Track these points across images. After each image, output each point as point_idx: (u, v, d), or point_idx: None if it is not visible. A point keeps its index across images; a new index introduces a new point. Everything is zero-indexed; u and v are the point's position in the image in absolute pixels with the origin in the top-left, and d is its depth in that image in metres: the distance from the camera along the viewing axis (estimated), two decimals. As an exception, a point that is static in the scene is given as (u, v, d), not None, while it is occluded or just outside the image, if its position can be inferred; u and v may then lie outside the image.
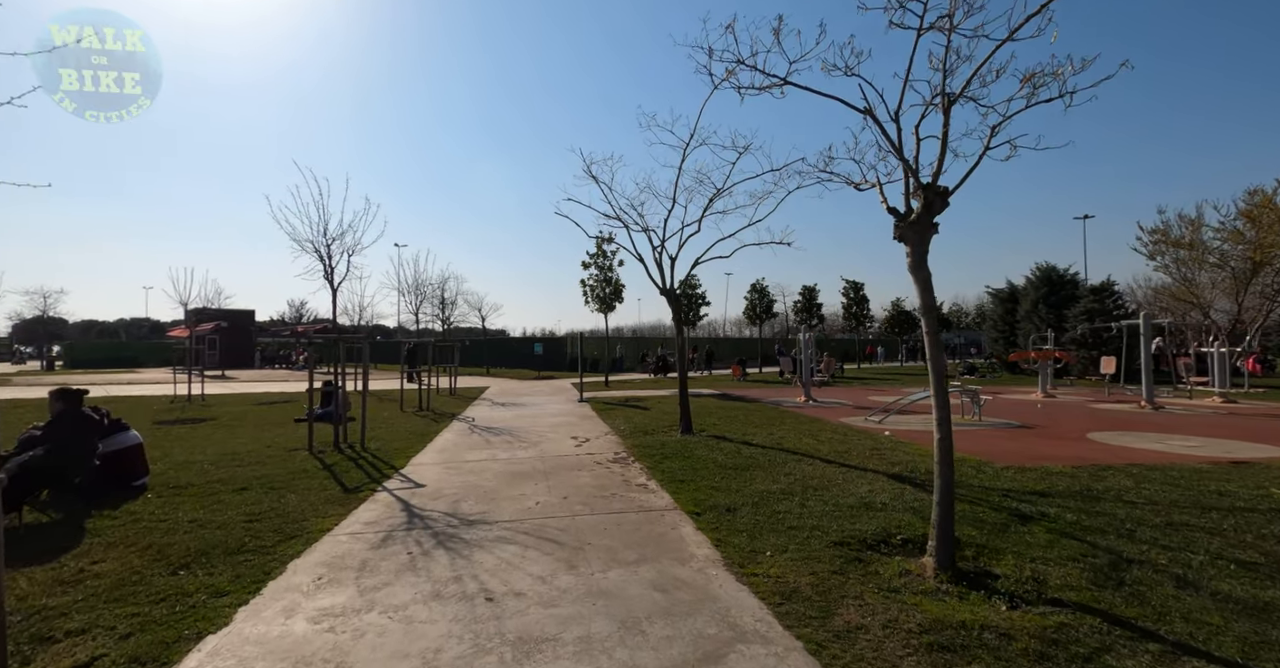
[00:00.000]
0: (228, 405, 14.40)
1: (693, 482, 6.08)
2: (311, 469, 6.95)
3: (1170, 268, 18.64)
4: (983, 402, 10.46)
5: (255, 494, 5.81)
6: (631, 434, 9.34)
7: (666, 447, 8.06)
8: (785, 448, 7.83)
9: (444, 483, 6.32)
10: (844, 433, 9.10)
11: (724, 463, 6.92)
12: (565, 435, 9.46)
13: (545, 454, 7.87)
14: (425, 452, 8.18)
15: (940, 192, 3.71)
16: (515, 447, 8.46)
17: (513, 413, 12.69)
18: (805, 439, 8.53)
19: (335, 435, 8.39)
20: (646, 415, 11.68)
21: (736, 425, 10.06)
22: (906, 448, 7.79)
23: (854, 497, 5.33)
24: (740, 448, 7.85)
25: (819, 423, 10.33)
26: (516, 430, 10.04)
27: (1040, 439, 8.61)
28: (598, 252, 20.22)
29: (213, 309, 39.93)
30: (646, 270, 9.41)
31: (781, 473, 6.36)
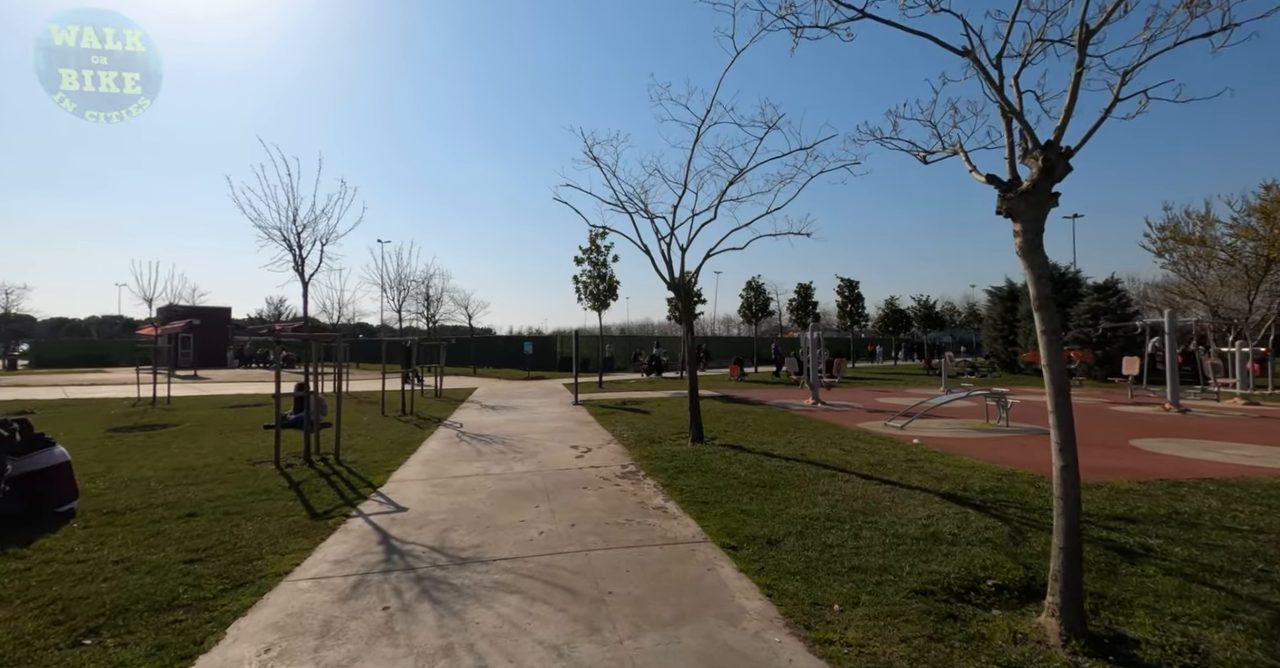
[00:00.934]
0: (194, 409, 13.35)
1: (718, 503, 5.27)
2: (276, 488, 6.04)
3: (1179, 265, 18.18)
4: (1009, 405, 9.76)
5: (205, 522, 4.91)
6: (636, 443, 8.52)
7: (678, 459, 7.24)
8: (812, 460, 7.05)
9: (430, 505, 5.45)
10: (868, 441, 8.34)
11: (748, 479, 6.12)
12: (563, 444, 8.61)
13: (544, 467, 7.02)
14: (408, 465, 7.30)
15: (1065, 153, 2.93)
16: (509, 458, 7.59)
17: (504, 418, 11.80)
18: (830, 449, 7.76)
19: (306, 446, 7.47)
20: (649, 421, 10.86)
21: (749, 432, 9.27)
22: (944, 459, 7.04)
23: (913, 525, 4.55)
24: (761, 460, 7.05)
25: (836, 429, 9.57)
26: (510, 438, 9.17)
27: (1083, 448, 7.82)
28: (591, 247, 19.37)
29: (185, 306, 38.54)
30: (653, 262, 8.59)
31: (817, 492, 5.57)
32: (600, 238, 19.25)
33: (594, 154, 8.24)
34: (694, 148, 7.50)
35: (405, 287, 16.24)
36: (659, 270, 8.57)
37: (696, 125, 7.29)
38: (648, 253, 8.62)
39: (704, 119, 7.17)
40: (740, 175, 7.18)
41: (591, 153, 8.22)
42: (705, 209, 8.15)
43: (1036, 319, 3.07)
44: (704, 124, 7.24)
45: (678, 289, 8.50)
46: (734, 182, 7.29)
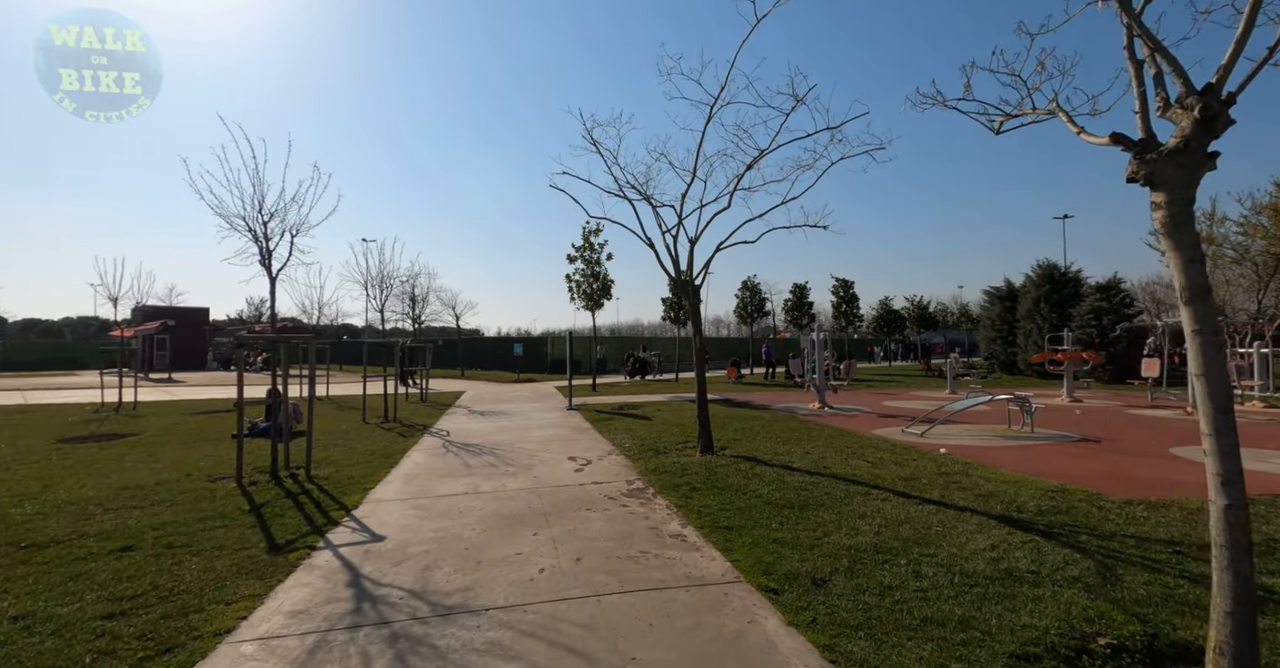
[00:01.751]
0: (160, 415, 12.45)
1: (744, 529, 4.58)
2: (233, 512, 5.27)
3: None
4: (1034, 409, 9.17)
5: (141, 558, 4.14)
6: (640, 453, 7.82)
7: (690, 473, 6.55)
8: (837, 474, 6.38)
9: (411, 533, 4.72)
10: (891, 451, 7.70)
11: (773, 498, 5.44)
12: (560, 455, 7.89)
13: (540, 484, 6.30)
14: (388, 481, 6.54)
15: (1226, 100, 2.27)
16: (501, 472, 6.86)
17: (494, 424, 11.04)
18: (853, 460, 7.10)
19: (273, 460, 6.69)
20: (650, 428, 10.16)
21: (761, 441, 8.60)
22: (981, 472, 6.41)
23: (980, 558, 3.88)
24: (782, 475, 6.38)
25: (853, 437, 8.93)
26: (501, 449, 8.42)
27: (1122, 458, 7.32)
28: (585, 244, 18.64)
29: (161, 306, 37.28)
30: (657, 257, 7.91)
31: (854, 514, 4.90)
32: (594, 235, 18.54)
33: (594, 138, 7.54)
34: (706, 129, 6.82)
35: (388, 285, 15.41)
36: (664, 266, 7.89)
37: (709, 104, 6.61)
38: (652, 246, 7.94)
39: (718, 96, 6.48)
40: (761, 156, 6.49)
41: (591, 136, 7.52)
42: (716, 198, 7.48)
43: (1186, 315, 2.40)
44: (718, 102, 6.55)
45: (684, 286, 7.82)
46: (754, 163, 6.59)
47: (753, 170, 7.54)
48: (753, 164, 6.60)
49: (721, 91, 6.39)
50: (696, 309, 7.74)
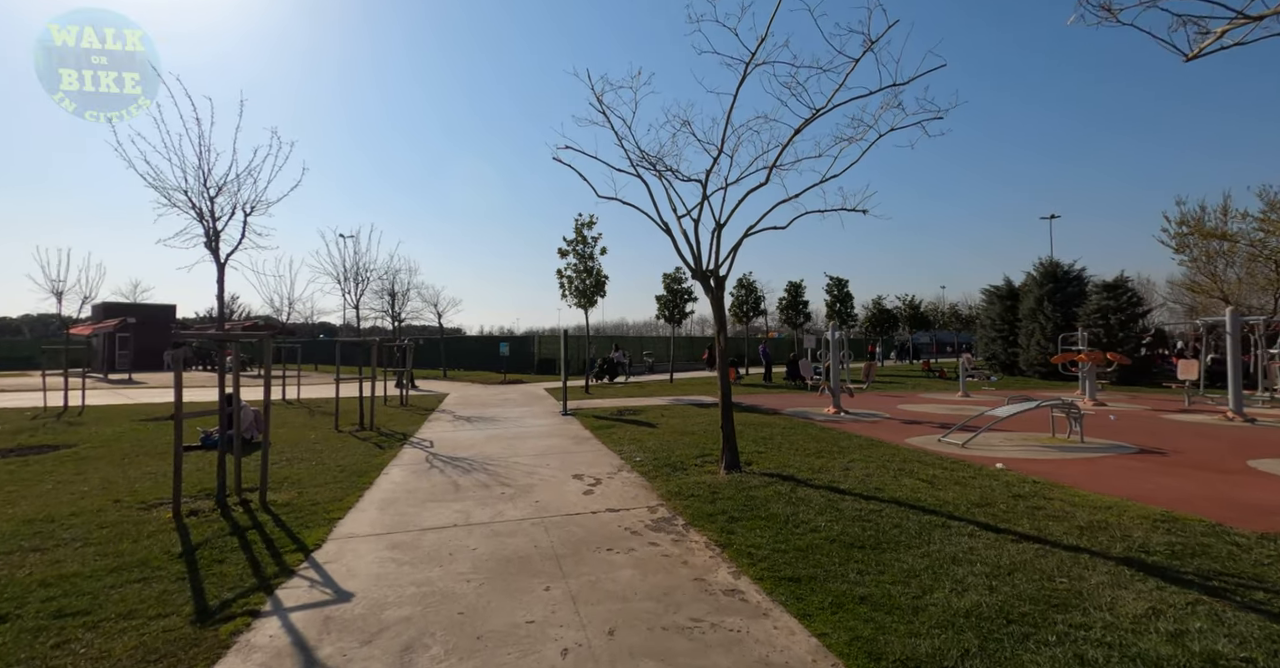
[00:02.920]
0: (105, 422, 11.15)
1: (816, 582, 3.58)
2: (159, 557, 4.15)
3: (1200, 262, 17.24)
4: (1082, 415, 8.32)
5: (8, 639, 3.03)
6: (656, 470, 6.80)
7: (721, 496, 5.54)
8: (895, 498, 5.42)
9: (387, 588, 3.65)
10: (941, 466, 6.78)
11: (833, 533, 4.45)
12: (563, 472, 6.84)
13: (545, 511, 5.26)
14: (360, 508, 5.45)
15: None
16: (497, 495, 5.80)
17: (484, 433, 9.94)
18: (905, 479, 6.15)
19: (220, 482, 5.54)
20: (658, 437, 9.14)
21: (788, 454, 7.63)
22: (1059, 494, 5.50)
23: (1154, 633, 2.92)
24: (832, 499, 5.40)
25: (887, 448, 8.00)
26: (493, 463, 7.35)
27: (1205, 475, 6.47)
28: (577, 237, 17.55)
29: (124, 303, 35.41)
30: (674, 243, 6.89)
31: (945, 557, 3.93)
32: (587, 227, 17.44)
33: (603, 105, 6.48)
34: (739, 89, 5.79)
35: (364, 278, 14.18)
36: (681, 253, 6.87)
37: (745, 61, 5.58)
38: (668, 232, 6.92)
39: (755, 51, 5.45)
40: (816, 115, 5.45)
41: (600, 103, 6.46)
42: (740, 178, 6.47)
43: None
44: (754, 59, 5.52)
45: (705, 277, 6.81)
46: (809, 123, 5.53)
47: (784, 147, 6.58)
48: (805, 125, 5.57)
49: (761, 43, 5.37)
50: (720, 304, 6.73)
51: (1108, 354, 13.08)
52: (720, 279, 6.69)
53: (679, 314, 22.74)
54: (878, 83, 5.25)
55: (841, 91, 5.33)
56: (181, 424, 5.29)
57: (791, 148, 6.60)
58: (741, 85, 5.76)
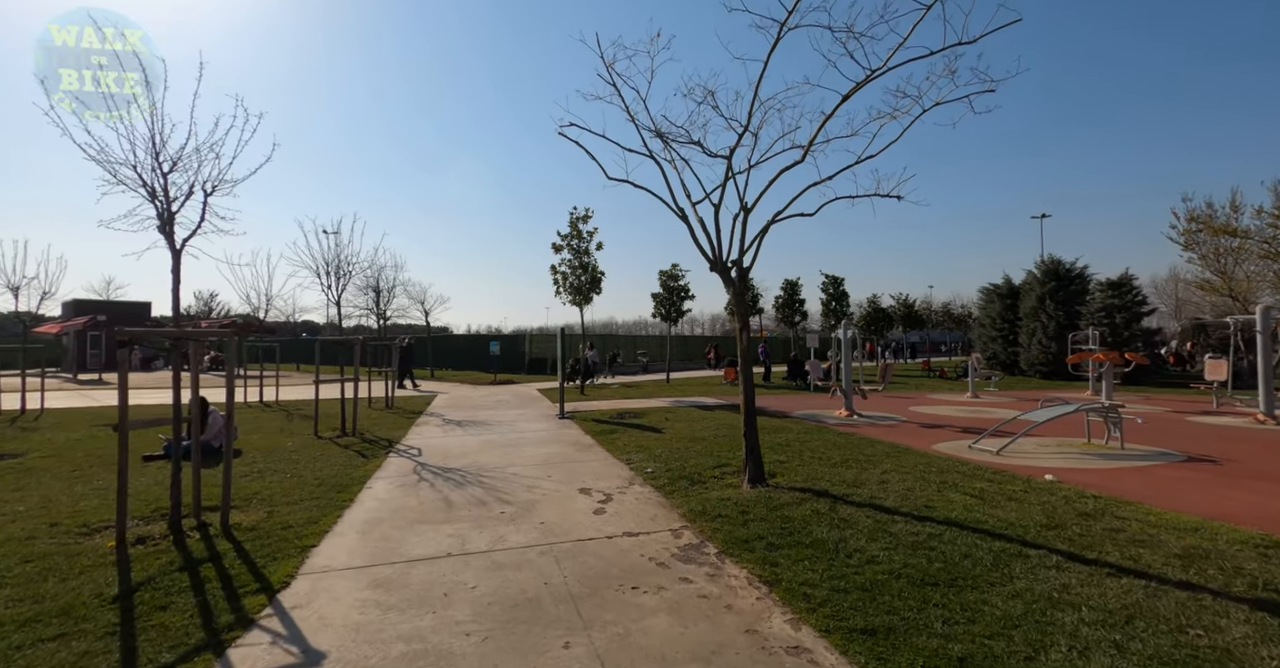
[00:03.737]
0: (62, 428, 10.26)
1: (897, 634, 2.93)
2: (89, 602, 3.41)
3: (1210, 259, 16.88)
4: (1121, 420, 7.76)
5: None
6: (671, 483, 6.12)
7: (752, 516, 4.88)
8: (950, 518, 4.78)
9: (368, 645, 2.95)
10: (985, 477, 6.17)
11: (894, 565, 3.80)
12: (568, 485, 6.15)
13: (553, 535, 4.56)
14: (338, 532, 4.72)
15: None
16: (495, 515, 5.10)
17: (476, 439, 9.21)
18: (950, 493, 5.53)
19: (174, 502, 4.77)
20: (666, 444, 8.46)
21: (813, 463, 6.98)
22: (1130, 512, 4.90)
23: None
24: (880, 520, 4.75)
25: (917, 456, 7.39)
26: (489, 475, 6.64)
27: (1268, 485, 5.92)
28: (572, 232, 16.83)
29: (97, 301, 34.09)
30: (690, 231, 6.22)
31: (1041, 598, 3.29)
32: (583, 222, 16.72)
33: (614, 74, 5.78)
34: (771, 55, 5.10)
35: (347, 272, 13.36)
36: (698, 242, 6.20)
37: (779, 21, 4.91)
38: (684, 219, 6.25)
39: (794, 7, 4.77)
40: (870, 78, 4.77)
41: (611, 72, 5.76)
42: (774, 154, 5.81)
43: None
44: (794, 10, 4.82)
45: (725, 268, 6.14)
46: (859, 88, 4.84)
47: (814, 124, 5.93)
48: (858, 88, 4.85)
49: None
50: (743, 298, 6.06)
51: (1126, 354, 12.60)
52: (744, 271, 6.03)
53: (675, 313, 22.09)
54: (932, 45, 4.59)
55: (900, 51, 4.65)
56: (127, 436, 4.53)
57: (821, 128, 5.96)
58: (775, 49, 5.07)
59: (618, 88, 5.92)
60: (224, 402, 5.31)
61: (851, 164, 5.74)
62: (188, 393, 5.76)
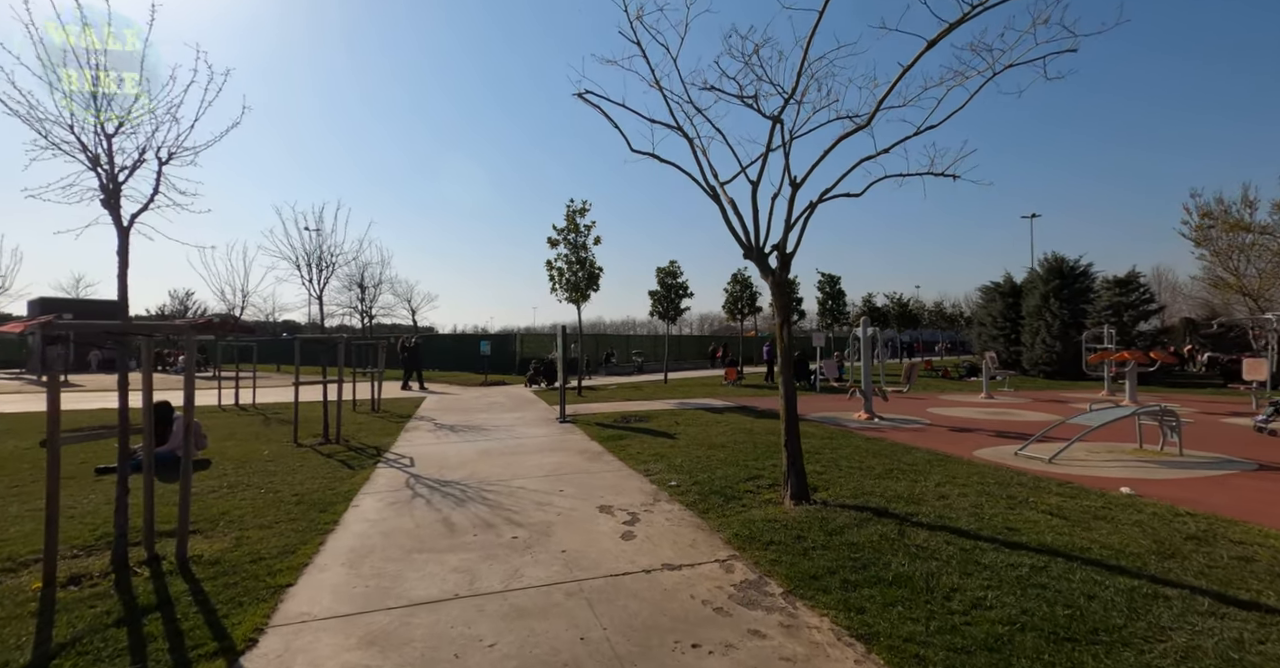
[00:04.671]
0: (13, 435, 9.26)
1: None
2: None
3: (1223, 255, 16.51)
4: (1180, 424, 7.16)
5: None
6: (703, 499, 5.39)
7: (808, 540, 4.16)
8: (1043, 545, 4.10)
9: (356, 748, 2.17)
10: (1055, 491, 5.52)
11: (1009, 611, 3.09)
12: (585, 501, 5.39)
13: (579, 569, 3.81)
14: (320, 565, 3.93)
15: None
16: (506, 542, 4.33)
17: (473, 446, 8.41)
18: (1026, 512, 4.85)
19: (120, 531, 3.95)
20: (683, 451, 7.73)
21: (854, 474, 6.30)
22: (1243, 533, 4.26)
23: None
24: (961, 546, 4.05)
25: (964, 466, 6.74)
26: (492, 489, 5.86)
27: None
28: (569, 226, 16.04)
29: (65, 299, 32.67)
30: (723, 213, 5.50)
31: (1222, 662, 2.60)
32: (580, 215, 15.93)
33: (638, 32, 5.04)
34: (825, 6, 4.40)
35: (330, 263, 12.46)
36: (731, 225, 5.48)
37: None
38: (716, 199, 5.52)
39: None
40: (964, 19, 4.05)
41: (636, 28, 5.01)
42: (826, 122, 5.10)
43: None
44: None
45: (763, 256, 5.42)
46: (945, 34, 4.13)
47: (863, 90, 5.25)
48: (945, 34, 4.15)
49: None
50: (784, 291, 5.35)
51: (1151, 353, 12.14)
52: (787, 258, 5.30)
53: (674, 311, 21.37)
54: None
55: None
56: (58, 453, 3.70)
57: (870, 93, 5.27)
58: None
59: (642, 48, 5.17)
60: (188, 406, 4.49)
61: (910, 135, 5.06)
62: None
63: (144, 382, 4.39)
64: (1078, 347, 21.04)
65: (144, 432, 4.43)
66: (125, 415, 4.17)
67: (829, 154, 5.11)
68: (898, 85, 4.87)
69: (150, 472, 4.31)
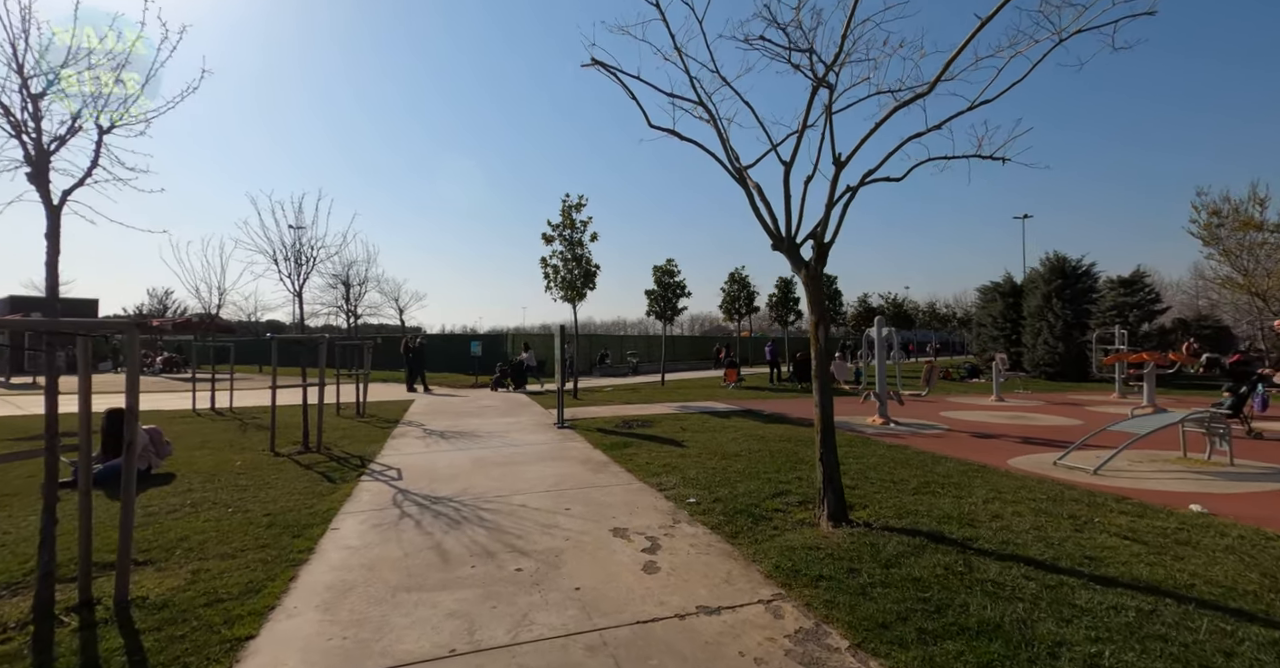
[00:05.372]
0: (-39, 445, 8.50)
1: None
2: None
3: (1232, 254, 16.19)
4: (1229, 432, 6.67)
5: None
6: (728, 520, 4.79)
7: (864, 577, 3.58)
8: (1135, 580, 3.54)
9: None
10: (1118, 509, 4.98)
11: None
12: (596, 522, 4.77)
13: (598, 614, 3.20)
14: (288, 609, 3.29)
15: None
16: (510, 575, 3.71)
17: (466, 455, 7.76)
18: (1098, 536, 4.30)
19: (44, 570, 3.28)
20: (696, 462, 7.13)
21: (886, 489, 5.74)
22: (1354, 563, 3.72)
23: None
24: (1045, 582, 3.48)
25: (1003, 478, 6.20)
26: (491, 507, 5.23)
27: None
28: (564, 221, 15.41)
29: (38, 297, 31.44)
30: (751, 201, 4.91)
31: None
32: (576, 210, 15.30)
33: None
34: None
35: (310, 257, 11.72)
36: (758, 212, 4.89)
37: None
38: (742, 183, 4.93)
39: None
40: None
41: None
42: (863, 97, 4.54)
43: None
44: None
45: (794, 248, 4.83)
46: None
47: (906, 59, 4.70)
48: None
49: None
50: (819, 283, 4.77)
51: (1170, 354, 11.73)
52: (824, 247, 4.72)
53: (671, 311, 20.78)
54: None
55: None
56: None
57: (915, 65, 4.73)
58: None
59: (661, 9, 4.57)
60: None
61: (964, 110, 4.50)
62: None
63: (80, 385, 3.72)
64: (1081, 347, 20.73)
65: (80, 445, 3.76)
66: (54, 429, 3.50)
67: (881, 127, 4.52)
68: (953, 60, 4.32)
69: (87, 496, 3.64)
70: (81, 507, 3.60)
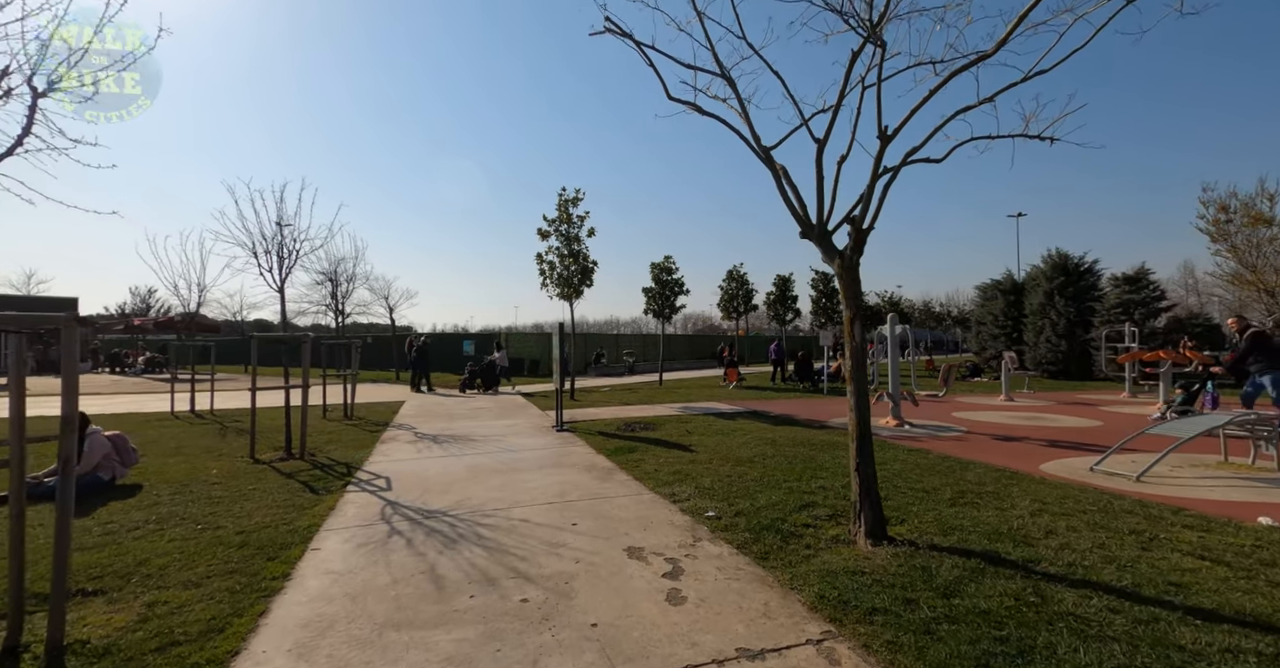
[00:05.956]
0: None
1: None
2: None
3: (1241, 251, 15.92)
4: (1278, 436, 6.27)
5: None
6: (754, 538, 4.32)
7: (924, 611, 3.11)
8: (1241, 614, 3.10)
9: None
10: (1181, 523, 4.56)
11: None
12: (608, 541, 4.29)
13: (618, 659, 2.72)
14: (255, 656, 2.78)
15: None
16: (515, 608, 3.21)
17: (462, 462, 7.25)
18: (1168, 553, 3.86)
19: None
20: (708, 468, 6.66)
21: (919, 500, 5.30)
22: None
23: None
24: (1136, 617, 3.04)
25: (1039, 485, 5.77)
26: (490, 523, 4.73)
27: None
28: (560, 216, 14.89)
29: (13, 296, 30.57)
30: (779, 185, 4.44)
31: None
32: (573, 204, 14.79)
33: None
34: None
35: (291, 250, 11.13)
36: (786, 196, 4.43)
37: None
38: (770, 165, 4.46)
39: None
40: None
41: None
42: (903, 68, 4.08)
43: None
44: None
45: (826, 235, 4.37)
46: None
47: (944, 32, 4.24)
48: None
49: None
50: (855, 275, 4.31)
51: (1186, 352, 11.37)
52: (862, 234, 4.26)
53: (669, 308, 20.30)
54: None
55: None
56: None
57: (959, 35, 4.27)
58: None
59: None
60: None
61: (1018, 81, 4.05)
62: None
63: (11, 385, 3.19)
64: (1084, 346, 20.45)
65: (11, 457, 3.23)
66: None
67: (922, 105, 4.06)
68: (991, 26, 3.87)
69: (19, 518, 3.11)
70: (12, 531, 3.07)
